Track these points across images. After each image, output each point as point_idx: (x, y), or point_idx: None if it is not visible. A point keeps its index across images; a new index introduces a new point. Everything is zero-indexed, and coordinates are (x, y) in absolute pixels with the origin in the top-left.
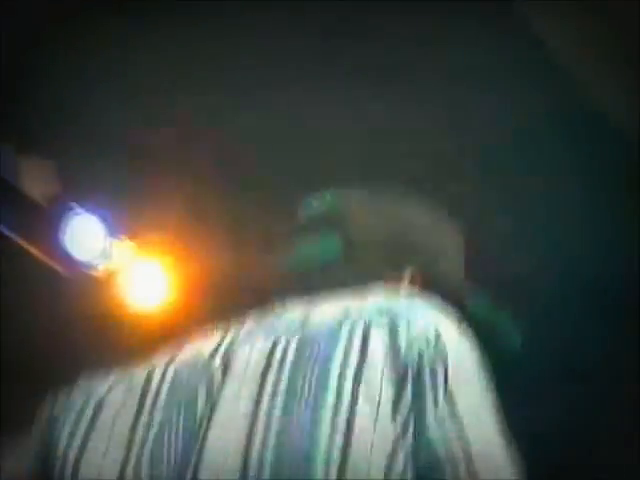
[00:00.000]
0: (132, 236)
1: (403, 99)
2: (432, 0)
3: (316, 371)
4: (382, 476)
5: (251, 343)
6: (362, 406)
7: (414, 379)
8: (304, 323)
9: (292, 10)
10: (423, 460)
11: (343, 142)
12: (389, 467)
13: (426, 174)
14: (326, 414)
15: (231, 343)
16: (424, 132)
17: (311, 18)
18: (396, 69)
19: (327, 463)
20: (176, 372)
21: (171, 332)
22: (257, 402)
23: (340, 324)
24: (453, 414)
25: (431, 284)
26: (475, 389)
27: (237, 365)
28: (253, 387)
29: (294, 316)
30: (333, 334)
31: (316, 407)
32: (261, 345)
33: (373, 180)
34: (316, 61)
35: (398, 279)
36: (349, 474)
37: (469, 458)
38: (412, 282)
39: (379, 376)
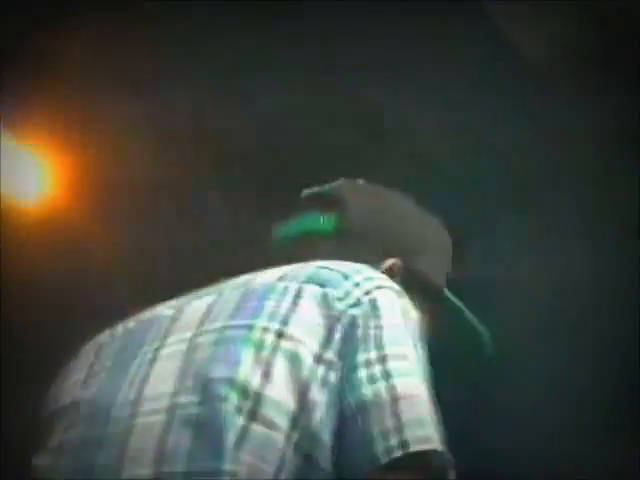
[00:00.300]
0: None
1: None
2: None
3: (249, 315)
4: (293, 409)
5: (199, 299)
6: (285, 345)
7: (345, 327)
8: (248, 281)
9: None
10: (350, 400)
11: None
12: (301, 401)
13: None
14: (250, 350)
15: (182, 301)
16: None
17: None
18: (396, 67)
19: (243, 393)
20: (133, 325)
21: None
22: (191, 345)
23: (278, 280)
24: (381, 360)
25: (410, 278)
26: (405, 347)
27: (184, 315)
28: (192, 330)
29: (242, 278)
30: (269, 288)
31: (242, 343)
32: (207, 298)
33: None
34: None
35: (378, 266)
36: (263, 407)
37: (395, 402)
38: (390, 271)
39: (310, 323)
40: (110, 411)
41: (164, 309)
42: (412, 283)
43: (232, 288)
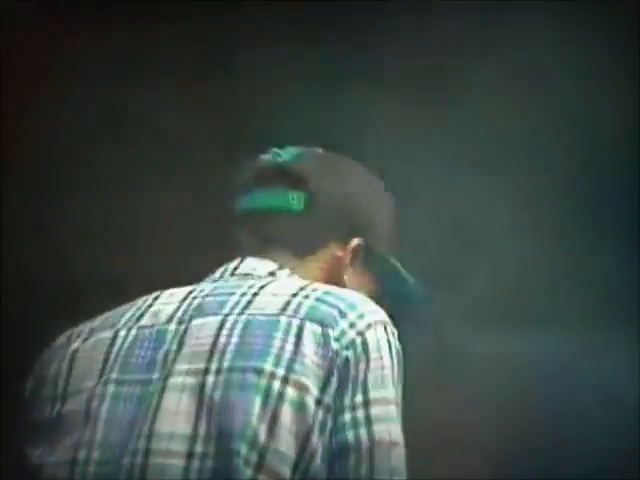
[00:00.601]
0: None
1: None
2: None
3: (256, 356)
4: (295, 456)
5: (203, 317)
6: (290, 393)
7: (340, 370)
8: (249, 304)
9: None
10: (335, 443)
11: None
12: (303, 448)
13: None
14: (259, 398)
15: (185, 312)
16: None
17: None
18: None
19: (252, 446)
20: (136, 336)
21: None
22: (202, 382)
23: (281, 312)
24: (365, 405)
25: (369, 255)
26: (388, 390)
27: (189, 338)
28: (201, 364)
29: (242, 295)
30: (273, 323)
31: (251, 391)
32: (212, 320)
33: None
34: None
35: (343, 246)
36: (268, 459)
37: (372, 449)
38: (355, 253)
39: (312, 366)
40: (126, 443)
41: (164, 318)
42: (369, 259)
43: (234, 307)
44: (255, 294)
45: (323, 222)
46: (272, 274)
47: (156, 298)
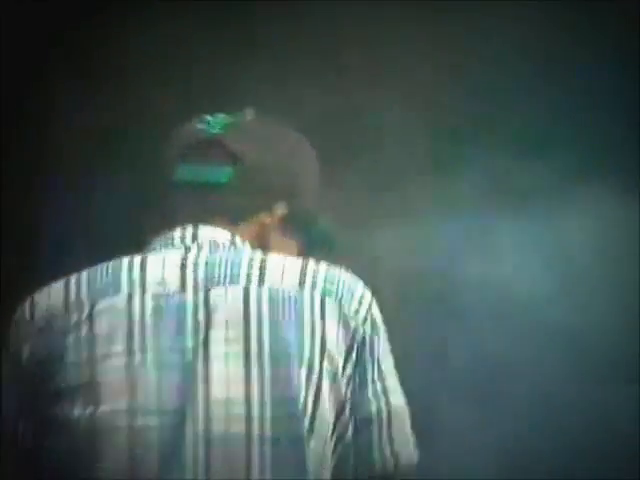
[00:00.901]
0: None
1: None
2: None
3: (292, 330)
4: (333, 424)
5: (221, 286)
6: (327, 365)
7: (358, 344)
8: (263, 277)
9: None
10: (360, 415)
11: None
12: (338, 415)
13: None
14: (304, 370)
15: (195, 281)
16: None
17: None
18: None
19: (303, 417)
20: (156, 304)
21: None
22: (246, 350)
23: (300, 287)
24: (380, 377)
25: (294, 218)
26: (389, 359)
27: (217, 309)
28: (239, 333)
29: (249, 266)
30: (298, 298)
31: (297, 363)
32: (234, 289)
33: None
34: None
35: (270, 213)
36: (317, 425)
37: (390, 419)
38: (281, 220)
39: (336, 340)
40: (185, 410)
41: (174, 286)
42: (295, 223)
43: (250, 279)
44: (261, 267)
45: (252, 191)
46: (233, 244)
47: (141, 264)
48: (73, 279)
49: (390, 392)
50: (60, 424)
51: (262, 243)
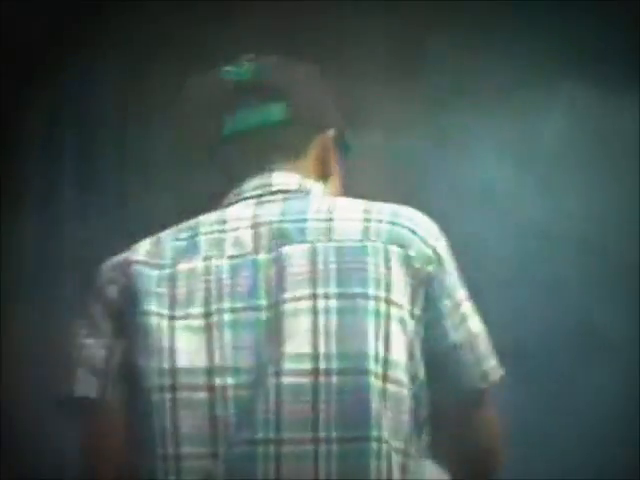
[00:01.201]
0: None
1: None
2: None
3: (358, 283)
4: (405, 363)
5: (290, 244)
6: (394, 311)
7: (425, 284)
8: (330, 231)
9: None
10: (443, 345)
11: None
12: (410, 355)
13: None
14: (372, 320)
15: (268, 240)
16: None
17: None
18: None
19: (376, 361)
20: (232, 266)
21: None
22: (314, 306)
23: (363, 236)
24: (457, 309)
25: (339, 135)
26: (461, 288)
27: (287, 268)
28: (307, 290)
29: (317, 220)
30: (362, 250)
31: (365, 314)
32: (302, 247)
33: None
34: None
35: (324, 139)
36: (390, 369)
37: (473, 341)
38: (336, 142)
39: (402, 285)
40: (262, 367)
41: (248, 247)
42: (339, 142)
43: (317, 234)
44: (329, 219)
45: (305, 122)
46: (301, 189)
47: (221, 224)
48: (158, 237)
49: (468, 318)
50: (139, 376)
51: (325, 171)
